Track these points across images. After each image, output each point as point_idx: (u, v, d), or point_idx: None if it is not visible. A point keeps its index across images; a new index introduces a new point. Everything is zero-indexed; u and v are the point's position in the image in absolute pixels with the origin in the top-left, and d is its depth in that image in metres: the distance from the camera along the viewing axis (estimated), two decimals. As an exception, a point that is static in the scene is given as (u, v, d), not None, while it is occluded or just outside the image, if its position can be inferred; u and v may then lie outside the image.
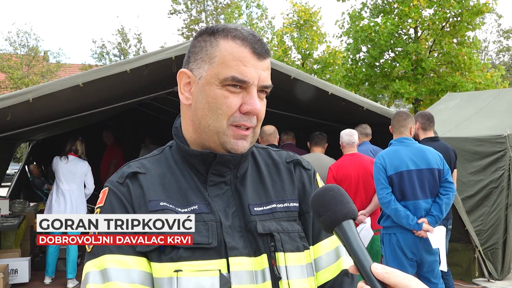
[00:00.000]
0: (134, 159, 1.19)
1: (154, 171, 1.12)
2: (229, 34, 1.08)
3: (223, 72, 1.06)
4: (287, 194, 1.17)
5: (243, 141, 1.10)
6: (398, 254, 3.93)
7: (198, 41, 1.12)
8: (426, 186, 3.88)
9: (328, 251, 1.16)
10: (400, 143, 4.00)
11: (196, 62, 1.11)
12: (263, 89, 1.11)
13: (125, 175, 1.10)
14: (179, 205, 1.08)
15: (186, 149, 1.13)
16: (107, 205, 1.08)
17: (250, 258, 1.07)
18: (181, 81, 1.14)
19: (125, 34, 26.74)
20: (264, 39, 23.14)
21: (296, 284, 1.08)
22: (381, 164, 3.92)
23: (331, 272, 1.15)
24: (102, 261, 1.03)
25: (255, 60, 1.07)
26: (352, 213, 0.92)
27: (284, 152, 1.27)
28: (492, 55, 32.54)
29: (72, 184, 6.18)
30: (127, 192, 1.08)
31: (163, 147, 1.20)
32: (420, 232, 3.84)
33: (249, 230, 1.09)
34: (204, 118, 1.09)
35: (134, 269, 1.02)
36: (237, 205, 1.12)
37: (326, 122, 6.87)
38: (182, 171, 1.13)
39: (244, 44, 1.07)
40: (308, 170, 1.24)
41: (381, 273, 0.83)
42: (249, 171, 1.17)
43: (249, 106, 1.07)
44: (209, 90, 1.08)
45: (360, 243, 0.88)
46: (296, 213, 1.16)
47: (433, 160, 3.91)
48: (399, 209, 3.82)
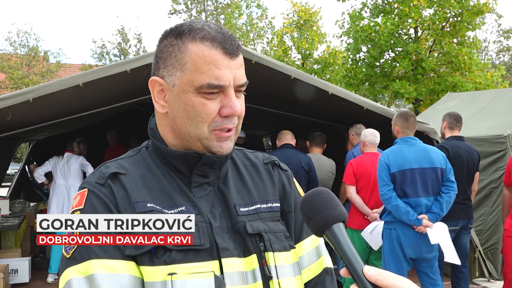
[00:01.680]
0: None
1: (134, 171, 1.08)
2: (196, 36, 1.03)
3: (197, 79, 1.03)
4: (269, 194, 1.17)
5: (227, 142, 1.08)
6: (396, 249, 4.02)
7: (165, 46, 1.08)
8: (429, 184, 3.97)
9: (309, 251, 1.17)
10: (405, 142, 4.10)
11: (167, 68, 1.07)
12: (240, 88, 1.07)
13: (106, 175, 1.05)
14: (165, 207, 1.05)
15: (167, 150, 1.10)
16: (88, 207, 1.02)
17: (241, 258, 1.06)
18: (154, 89, 1.10)
19: (125, 34, 26.73)
20: (264, 39, 23.20)
21: (286, 283, 1.08)
22: (384, 162, 4.02)
23: (314, 271, 1.17)
24: (87, 266, 0.97)
25: (228, 61, 1.04)
26: (342, 216, 0.91)
27: (259, 153, 1.27)
28: (492, 55, 32.55)
29: (68, 180, 6.40)
30: (109, 193, 1.03)
31: (138, 147, 1.17)
32: (420, 227, 3.92)
33: (236, 230, 1.08)
34: (183, 126, 1.07)
35: (123, 274, 0.97)
36: (222, 206, 1.10)
37: (326, 122, 6.87)
38: (163, 172, 1.10)
39: (214, 46, 1.03)
40: (286, 171, 1.25)
41: (374, 276, 0.83)
42: (229, 172, 1.16)
43: (229, 109, 1.05)
44: (185, 98, 1.04)
45: (351, 246, 0.88)
46: (279, 213, 1.16)
47: (437, 159, 4.01)
48: (399, 205, 3.91)
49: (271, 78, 5.43)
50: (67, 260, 1.00)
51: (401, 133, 4.17)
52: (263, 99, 6.31)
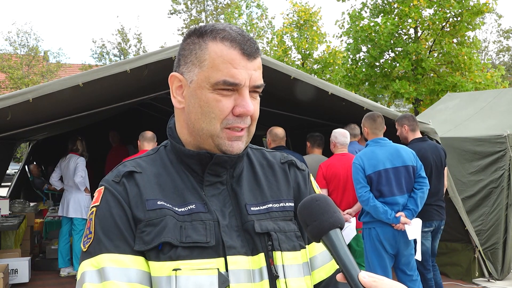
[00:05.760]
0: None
1: (150, 170, 1.12)
2: (217, 36, 1.08)
3: (214, 75, 1.06)
4: (282, 194, 1.18)
5: (238, 142, 1.11)
6: (378, 247, 4.17)
7: (187, 44, 1.12)
8: (403, 182, 4.16)
9: (322, 251, 1.18)
10: (376, 143, 4.28)
11: (187, 65, 1.11)
12: (255, 89, 1.11)
13: (121, 174, 1.10)
14: (176, 205, 1.08)
15: (182, 150, 1.14)
16: (103, 204, 1.07)
17: (248, 257, 1.07)
18: (173, 85, 1.14)
19: (125, 34, 26.71)
20: (264, 39, 23.20)
21: (293, 283, 1.09)
22: (359, 164, 4.18)
23: (326, 271, 1.18)
24: (99, 260, 1.02)
25: (245, 61, 1.07)
26: (339, 222, 0.93)
27: (278, 153, 1.28)
28: (492, 55, 32.54)
29: (69, 180, 6.55)
30: (123, 191, 1.07)
31: (157, 146, 1.21)
32: (399, 225, 4.11)
33: (246, 229, 1.10)
34: (197, 122, 1.10)
35: (132, 268, 1.02)
36: (233, 205, 1.12)
37: (326, 122, 6.87)
38: (178, 171, 1.13)
39: (233, 46, 1.07)
40: (302, 171, 1.26)
41: (369, 282, 0.84)
42: (244, 172, 1.18)
43: (242, 108, 1.07)
44: (200, 94, 1.08)
45: (347, 252, 0.89)
46: (291, 213, 1.17)
47: (408, 157, 4.20)
48: (377, 205, 4.09)
49: (271, 78, 5.42)
50: (84, 253, 1.06)
51: (371, 134, 4.33)
52: (263, 99, 6.19)
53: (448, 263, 6.14)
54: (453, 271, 6.18)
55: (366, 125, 4.35)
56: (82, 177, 6.45)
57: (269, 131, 5.19)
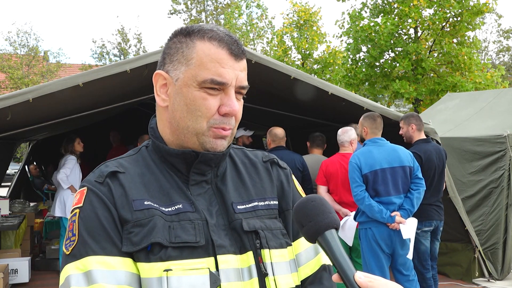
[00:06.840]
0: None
1: (133, 170, 1.10)
2: (205, 35, 1.08)
3: (201, 74, 1.06)
4: (267, 192, 1.19)
5: (222, 140, 1.11)
6: (374, 247, 4.19)
7: (173, 43, 1.12)
8: (399, 182, 4.17)
9: (307, 248, 1.19)
10: (374, 143, 4.29)
11: (172, 63, 1.10)
12: (240, 90, 1.11)
13: (105, 174, 1.07)
14: (162, 204, 1.06)
15: (166, 149, 1.12)
16: (87, 205, 1.04)
17: (237, 255, 1.07)
18: (157, 83, 1.13)
19: (125, 34, 26.73)
20: (264, 39, 23.21)
21: (282, 280, 1.10)
22: (356, 163, 4.20)
23: (311, 268, 1.18)
24: (85, 263, 0.98)
25: (232, 61, 1.08)
26: (335, 222, 0.93)
27: (259, 152, 1.29)
28: (492, 55, 32.53)
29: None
30: (108, 191, 1.05)
31: (138, 147, 1.20)
32: (394, 224, 4.11)
33: (233, 228, 1.09)
34: (182, 120, 1.09)
35: (120, 270, 0.99)
36: (219, 204, 1.12)
37: (326, 122, 6.87)
38: (161, 170, 1.12)
39: (221, 45, 1.07)
40: (284, 169, 1.27)
41: (365, 282, 0.84)
42: (228, 170, 1.18)
43: (228, 107, 1.07)
44: (187, 92, 1.08)
45: (343, 252, 0.89)
46: (276, 211, 1.18)
47: (405, 158, 4.21)
48: (372, 204, 4.09)
49: (271, 78, 5.42)
50: (67, 256, 1.02)
51: (370, 134, 4.34)
52: (263, 99, 6.31)
53: (448, 263, 6.14)
54: (453, 271, 6.18)
55: (365, 125, 4.36)
56: (65, 174, 6.30)
57: (269, 131, 5.20)
